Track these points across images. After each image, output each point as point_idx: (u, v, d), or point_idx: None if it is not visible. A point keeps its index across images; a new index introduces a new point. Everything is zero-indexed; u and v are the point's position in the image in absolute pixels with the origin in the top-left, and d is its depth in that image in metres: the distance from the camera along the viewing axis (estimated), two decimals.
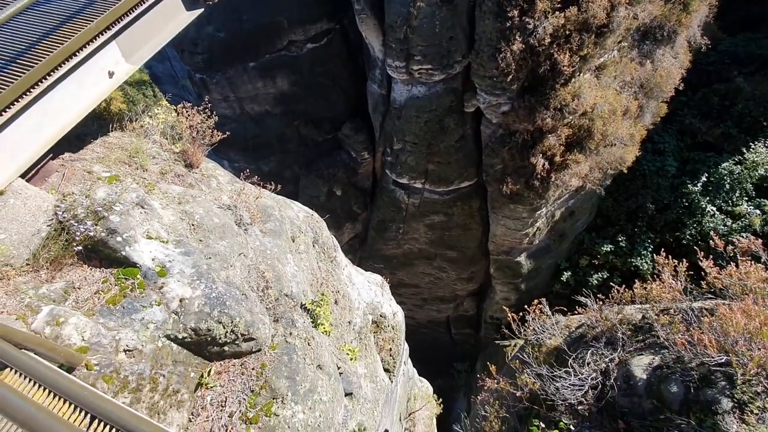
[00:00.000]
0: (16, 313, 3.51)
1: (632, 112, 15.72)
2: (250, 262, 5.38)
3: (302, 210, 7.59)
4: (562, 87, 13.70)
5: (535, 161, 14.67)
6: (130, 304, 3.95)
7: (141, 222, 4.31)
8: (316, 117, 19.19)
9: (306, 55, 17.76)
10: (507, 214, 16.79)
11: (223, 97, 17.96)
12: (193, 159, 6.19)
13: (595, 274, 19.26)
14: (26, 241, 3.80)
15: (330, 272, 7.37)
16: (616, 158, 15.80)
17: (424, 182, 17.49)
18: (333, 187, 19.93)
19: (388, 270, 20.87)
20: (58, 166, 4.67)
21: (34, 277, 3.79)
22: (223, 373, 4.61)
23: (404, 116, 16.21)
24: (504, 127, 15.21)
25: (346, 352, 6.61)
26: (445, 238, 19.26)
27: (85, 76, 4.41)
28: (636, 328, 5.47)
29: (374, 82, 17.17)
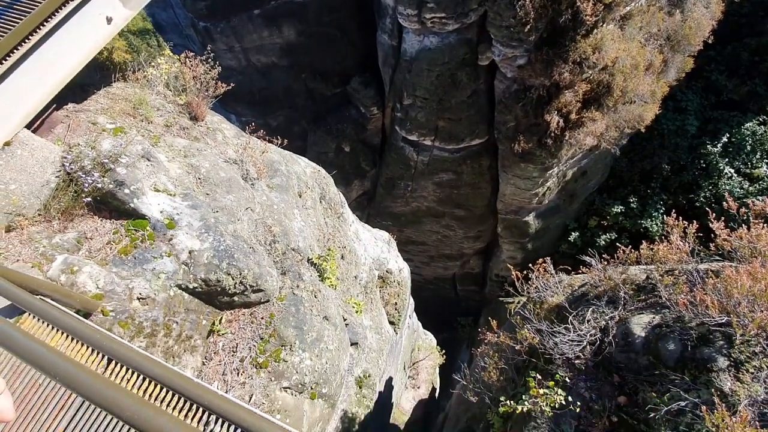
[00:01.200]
0: (31, 261, 3.64)
1: (656, 67, 14.89)
2: (257, 216, 5.44)
3: (309, 165, 7.55)
4: (583, 38, 12.92)
5: (550, 119, 14.18)
6: (141, 255, 4.06)
7: (148, 174, 4.33)
8: (324, 70, 18.56)
9: (313, 3, 16.88)
10: (517, 174, 16.52)
11: (228, 47, 17.37)
12: (197, 111, 6.09)
13: (603, 235, 19.20)
14: (36, 191, 3.86)
15: (337, 228, 7.44)
16: (635, 116, 15.18)
17: (433, 139, 17.14)
18: (341, 143, 19.65)
19: (396, 227, 21.02)
20: (63, 116, 4.64)
21: (47, 227, 3.88)
22: (233, 322, 4.81)
23: (415, 69, 15.59)
24: (519, 82, 14.58)
25: (352, 305, 6.82)
26: (454, 196, 19.15)
27: (84, 22, 4.26)
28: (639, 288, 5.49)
29: (384, 32, 16.37)
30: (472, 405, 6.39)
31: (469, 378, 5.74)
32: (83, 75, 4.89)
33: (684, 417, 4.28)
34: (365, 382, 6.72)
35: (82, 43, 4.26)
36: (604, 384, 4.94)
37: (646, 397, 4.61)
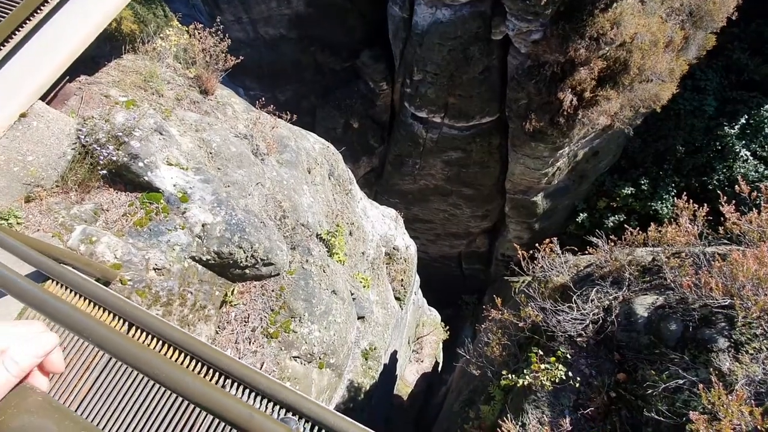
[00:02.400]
0: (51, 231, 3.76)
1: (676, 44, 14.38)
2: (267, 191, 5.51)
3: (318, 141, 7.55)
4: (602, 13, 12.48)
5: (563, 96, 13.88)
6: (156, 227, 4.17)
7: (160, 148, 4.39)
8: (333, 43, 18.21)
9: None
10: (527, 153, 16.34)
11: (235, 18, 17.05)
12: (207, 85, 6.08)
13: (612, 217, 19.07)
14: (53, 163, 3.95)
15: (345, 204, 7.50)
16: (651, 95, 14.79)
17: (443, 116, 16.93)
18: (350, 119, 19.49)
19: (403, 205, 21.06)
20: (76, 89, 4.68)
21: (65, 198, 3.99)
22: (245, 293, 4.97)
23: (426, 43, 15.24)
24: (533, 58, 14.21)
25: (359, 280, 6.96)
26: (462, 175, 19.05)
27: None
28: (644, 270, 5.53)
29: (396, 3, 15.93)
30: (474, 378, 6.60)
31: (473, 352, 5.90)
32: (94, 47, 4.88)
33: (681, 394, 4.40)
34: (371, 354, 6.94)
35: (92, 13, 4.25)
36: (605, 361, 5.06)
37: (645, 374, 4.73)
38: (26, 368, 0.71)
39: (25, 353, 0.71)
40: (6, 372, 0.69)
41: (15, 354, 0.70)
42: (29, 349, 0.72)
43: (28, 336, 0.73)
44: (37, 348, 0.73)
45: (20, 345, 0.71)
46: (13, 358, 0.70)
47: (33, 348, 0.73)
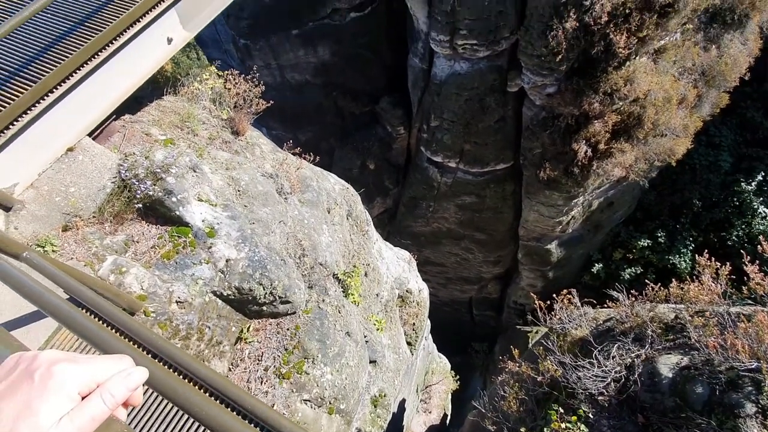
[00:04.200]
0: (84, 260, 3.90)
1: (689, 101, 14.74)
2: (289, 229, 5.64)
3: (338, 183, 7.77)
4: (615, 70, 12.97)
5: (577, 147, 14.14)
6: (182, 260, 4.28)
7: (193, 185, 4.59)
8: (355, 89, 19.10)
9: (348, 25, 17.53)
10: (542, 201, 16.42)
11: (265, 63, 18.14)
12: (239, 126, 6.42)
13: (629, 269, 18.72)
14: (93, 195, 4.15)
15: (362, 245, 7.58)
16: (666, 149, 14.98)
17: (458, 162, 17.28)
18: (367, 160, 20.01)
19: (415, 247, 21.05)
20: (120, 126, 4.99)
21: (100, 228, 4.16)
22: (260, 331, 4.96)
23: (444, 93, 15.89)
24: (547, 110, 14.67)
25: (373, 322, 6.89)
26: (475, 219, 19.12)
27: (147, 41, 4.63)
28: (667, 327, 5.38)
29: (416, 55, 16.81)
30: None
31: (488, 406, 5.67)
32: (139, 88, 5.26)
33: None
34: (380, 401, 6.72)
35: (143, 60, 4.62)
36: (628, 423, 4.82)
37: None
38: (121, 401, 0.77)
39: (121, 387, 0.77)
40: (103, 405, 0.75)
41: (113, 388, 0.76)
42: (125, 383, 0.78)
43: (123, 370, 0.80)
44: (130, 382, 0.79)
45: (117, 379, 0.78)
46: (110, 392, 0.76)
47: (128, 382, 0.79)
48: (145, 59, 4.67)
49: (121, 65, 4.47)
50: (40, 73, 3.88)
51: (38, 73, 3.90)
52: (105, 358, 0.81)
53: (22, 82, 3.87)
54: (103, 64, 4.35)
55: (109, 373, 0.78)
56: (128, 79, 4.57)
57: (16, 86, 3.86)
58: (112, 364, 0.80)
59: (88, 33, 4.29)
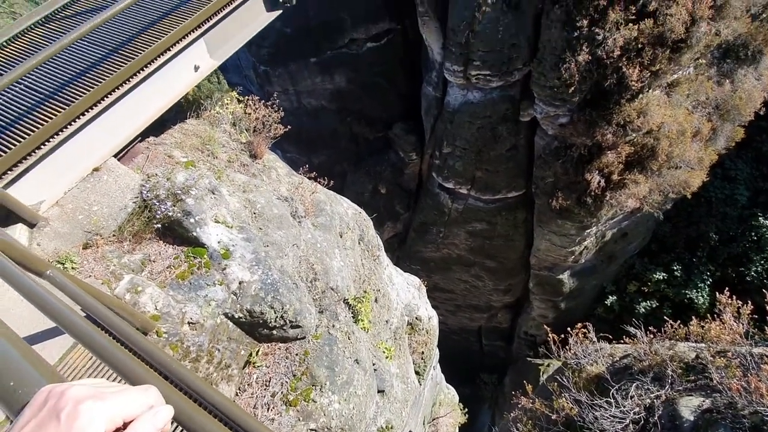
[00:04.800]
0: (102, 277, 3.95)
1: (703, 135, 14.69)
2: (302, 253, 5.66)
3: (351, 207, 7.82)
4: (628, 103, 13.06)
5: (590, 178, 14.10)
6: (197, 281, 4.31)
7: (211, 206, 4.67)
8: (369, 115, 19.50)
9: (365, 54, 18.09)
10: (554, 230, 16.27)
11: (283, 89, 18.70)
12: (257, 150, 6.57)
13: (644, 302, 18.23)
14: (114, 214, 4.25)
15: (373, 270, 7.55)
16: (680, 182, 14.84)
17: (470, 188, 17.33)
18: (378, 185, 20.19)
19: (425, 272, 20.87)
20: (144, 148, 5.15)
21: (118, 247, 4.23)
22: (269, 355, 4.91)
23: (457, 121, 16.12)
24: (560, 140, 14.74)
25: (382, 350, 6.77)
26: (486, 246, 18.97)
27: (175, 69, 4.83)
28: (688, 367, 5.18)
29: (429, 84, 17.19)
30: None
31: None
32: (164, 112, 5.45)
33: None
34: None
35: (171, 87, 4.81)
36: None
37: None
38: None
39: (149, 427, 0.76)
40: None
41: (141, 428, 0.75)
42: (152, 422, 0.77)
43: (150, 408, 0.78)
44: (158, 421, 0.78)
45: (145, 420, 0.76)
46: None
47: (156, 421, 0.78)
48: (172, 85, 4.86)
49: (150, 91, 4.66)
50: (74, 97, 4.06)
51: (72, 96, 4.08)
52: (131, 392, 0.80)
53: (56, 105, 4.05)
54: (133, 90, 4.54)
55: (136, 408, 0.77)
56: (156, 104, 4.76)
57: (50, 108, 4.03)
58: (138, 398, 0.79)
59: (121, 60, 4.50)
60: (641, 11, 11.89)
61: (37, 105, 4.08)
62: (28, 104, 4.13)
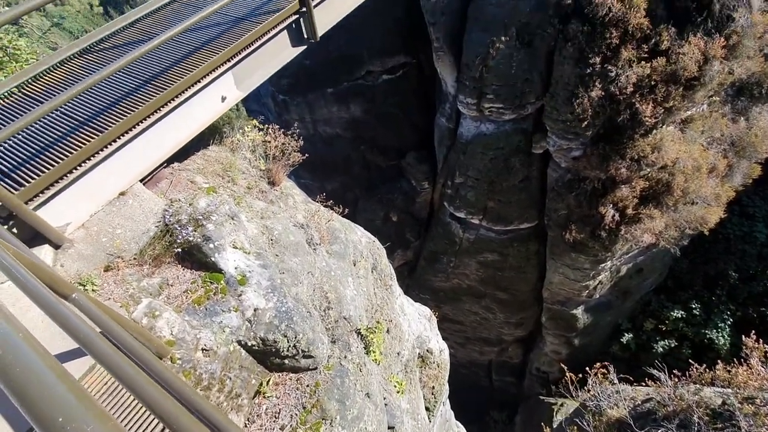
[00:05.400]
0: (121, 300, 3.98)
1: (719, 171, 14.58)
2: (316, 281, 5.64)
3: (365, 235, 7.84)
4: (642, 138, 13.10)
5: (604, 211, 13.98)
6: (212, 307, 4.31)
7: (230, 232, 4.73)
8: (383, 144, 19.84)
9: (380, 85, 18.62)
10: (567, 263, 16.02)
11: (300, 117, 19.22)
12: (276, 177, 6.69)
13: (662, 341, 17.60)
14: (137, 238, 4.32)
15: (385, 300, 7.47)
16: (697, 218, 14.62)
17: (481, 219, 17.28)
18: (390, 212, 20.27)
19: (434, 302, 20.55)
20: (168, 173, 5.29)
21: (138, 270, 4.28)
22: (279, 385, 4.82)
23: (469, 151, 16.30)
24: (573, 173, 14.75)
25: (393, 384, 6.60)
26: (497, 278, 18.70)
27: (204, 99, 5.03)
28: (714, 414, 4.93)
29: (443, 115, 17.52)
30: None
31: None
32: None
33: None
34: None
35: (199, 116, 4.99)
36: None
37: None
38: None
39: None
40: None
41: None
42: None
43: None
44: None
45: None
46: None
47: None
48: (200, 115, 5.05)
49: (179, 119, 4.84)
50: (108, 124, 4.23)
51: (106, 123, 4.26)
52: None
53: (89, 131, 4.22)
54: (164, 118, 4.71)
55: None
56: (183, 132, 4.92)
57: (84, 134, 4.20)
58: None
59: (154, 90, 4.70)
60: (654, 50, 12.12)
61: (72, 131, 4.26)
62: (63, 130, 4.32)
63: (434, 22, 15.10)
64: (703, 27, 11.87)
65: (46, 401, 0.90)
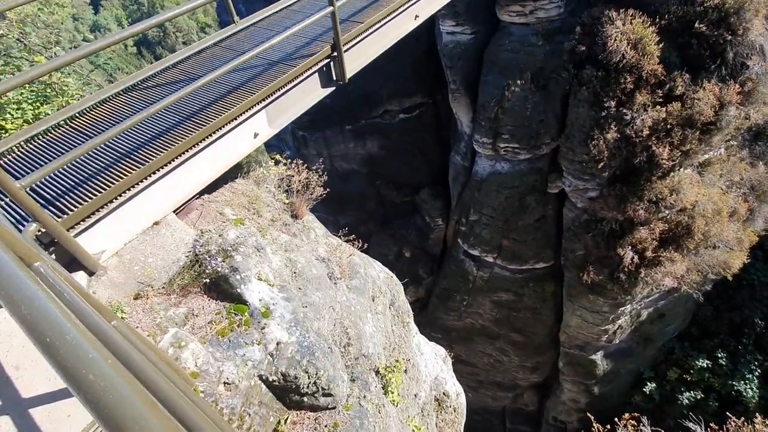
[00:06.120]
0: (148, 329, 4.00)
1: (740, 215, 14.37)
2: (337, 316, 5.60)
3: (383, 270, 7.82)
4: (659, 180, 13.09)
5: (623, 253, 13.75)
6: (236, 339, 4.29)
7: (256, 263, 4.79)
8: (398, 180, 20.14)
9: (397, 124, 19.17)
10: (585, 305, 15.60)
11: (317, 152, 19.74)
12: (299, 211, 6.82)
13: (687, 392, 16.69)
14: (167, 267, 4.40)
15: (403, 338, 7.33)
16: (719, 262, 14.27)
17: (496, 257, 17.11)
18: (403, 248, 20.23)
19: (446, 342, 19.98)
20: (198, 204, 5.45)
21: (166, 299, 4.32)
22: (297, 424, 4.68)
23: (484, 189, 16.41)
24: (589, 213, 14.67)
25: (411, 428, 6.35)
26: (512, 318, 18.23)
27: (238, 135, 5.25)
28: None
29: (458, 153, 17.82)
30: None
31: None
32: None
33: None
34: None
35: (233, 151, 5.20)
36: None
37: None
38: None
39: None
40: None
41: None
42: None
43: None
44: None
45: None
46: None
47: None
48: (234, 150, 5.26)
49: (214, 153, 5.04)
50: (148, 157, 4.43)
51: (146, 156, 4.46)
52: None
53: (131, 163, 4.42)
54: (200, 152, 4.92)
55: None
56: (217, 165, 5.12)
57: (126, 166, 4.40)
58: None
59: (193, 126, 4.94)
60: (668, 95, 12.35)
61: (114, 162, 4.46)
62: (106, 161, 4.53)
63: (451, 65, 15.72)
64: (717, 73, 12.13)
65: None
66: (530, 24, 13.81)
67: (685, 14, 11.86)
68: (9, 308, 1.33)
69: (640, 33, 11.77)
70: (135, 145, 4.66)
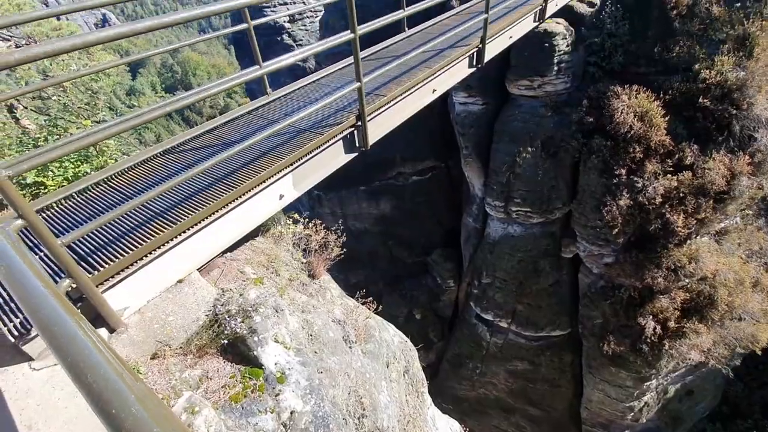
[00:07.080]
0: (162, 392, 3.89)
1: (764, 285, 13.92)
2: (351, 383, 5.39)
3: (397, 334, 7.62)
4: (676, 247, 12.93)
5: (644, 323, 13.24)
6: (249, 406, 4.13)
7: (274, 325, 4.74)
8: (409, 240, 20.22)
9: (410, 185, 19.68)
10: (607, 378, 14.73)
11: (331, 211, 20.15)
12: (316, 271, 6.84)
13: None
14: (186, 326, 4.38)
15: (417, 409, 6.95)
16: (746, 335, 13.60)
17: (510, 322, 16.57)
18: (413, 309, 19.78)
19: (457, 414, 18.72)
20: (220, 263, 5.53)
21: (182, 360, 4.24)
22: None
23: (497, 252, 16.34)
24: (606, 279, 14.38)
25: None
26: (528, 390, 17.19)
27: (265, 197, 5.47)
28: None
29: (470, 216, 18.02)
30: None
31: None
32: None
33: None
34: None
35: (259, 211, 5.39)
36: None
37: None
38: None
39: None
40: None
41: None
42: None
43: None
44: None
45: None
46: None
47: None
48: (260, 210, 5.45)
49: (242, 214, 5.22)
50: (180, 217, 4.60)
51: (178, 216, 4.63)
52: None
53: (163, 222, 4.59)
54: (229, 213, 5.10)
55: None
56: (243, 226, 5.27)
57: (157, 225, 4.56)
58: None
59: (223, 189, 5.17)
60: (678, 164, 12.61)
61: (147, 221, 4.64)
62: (139, 220, 4.71)
63: (464, 132, 16.45)
64: (725, 145, 12.44)
65: None
66: (539, 97, 14.61)
67: (688, 90, 12.48)
68: (72, 375, 1.34)
69: (645, 106, 12.34)
70: (168, 205, 4.87)
